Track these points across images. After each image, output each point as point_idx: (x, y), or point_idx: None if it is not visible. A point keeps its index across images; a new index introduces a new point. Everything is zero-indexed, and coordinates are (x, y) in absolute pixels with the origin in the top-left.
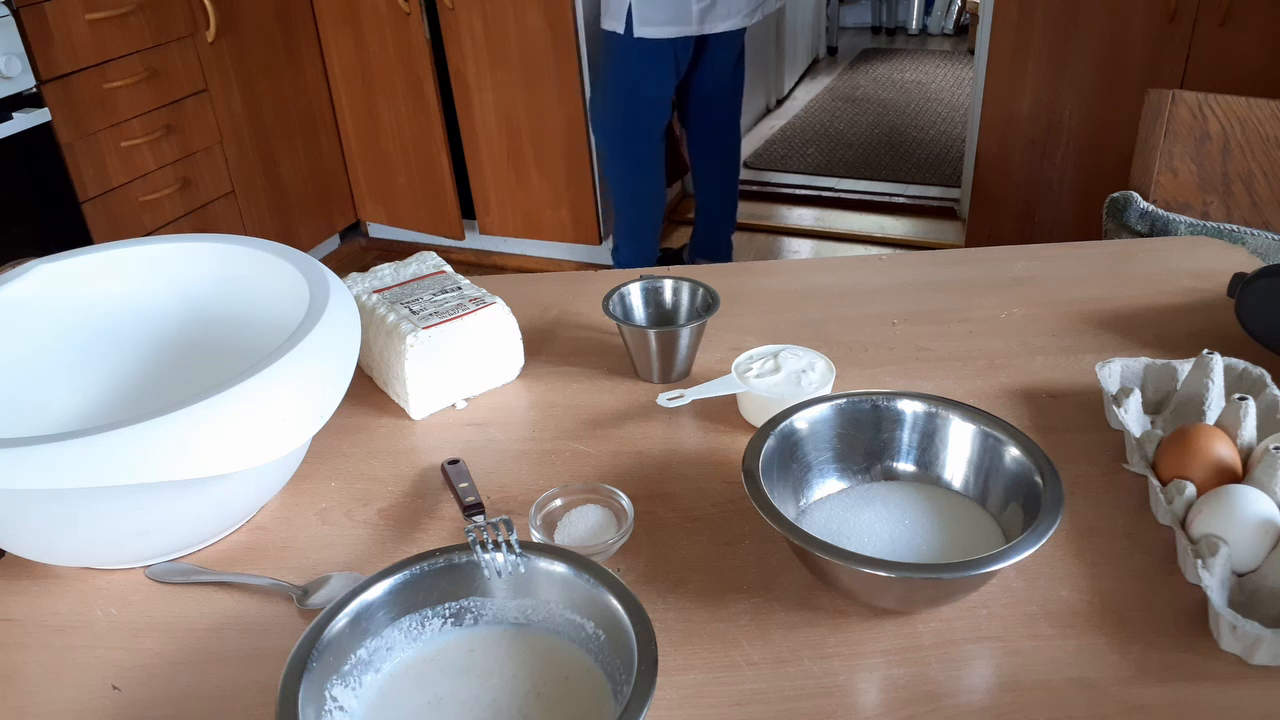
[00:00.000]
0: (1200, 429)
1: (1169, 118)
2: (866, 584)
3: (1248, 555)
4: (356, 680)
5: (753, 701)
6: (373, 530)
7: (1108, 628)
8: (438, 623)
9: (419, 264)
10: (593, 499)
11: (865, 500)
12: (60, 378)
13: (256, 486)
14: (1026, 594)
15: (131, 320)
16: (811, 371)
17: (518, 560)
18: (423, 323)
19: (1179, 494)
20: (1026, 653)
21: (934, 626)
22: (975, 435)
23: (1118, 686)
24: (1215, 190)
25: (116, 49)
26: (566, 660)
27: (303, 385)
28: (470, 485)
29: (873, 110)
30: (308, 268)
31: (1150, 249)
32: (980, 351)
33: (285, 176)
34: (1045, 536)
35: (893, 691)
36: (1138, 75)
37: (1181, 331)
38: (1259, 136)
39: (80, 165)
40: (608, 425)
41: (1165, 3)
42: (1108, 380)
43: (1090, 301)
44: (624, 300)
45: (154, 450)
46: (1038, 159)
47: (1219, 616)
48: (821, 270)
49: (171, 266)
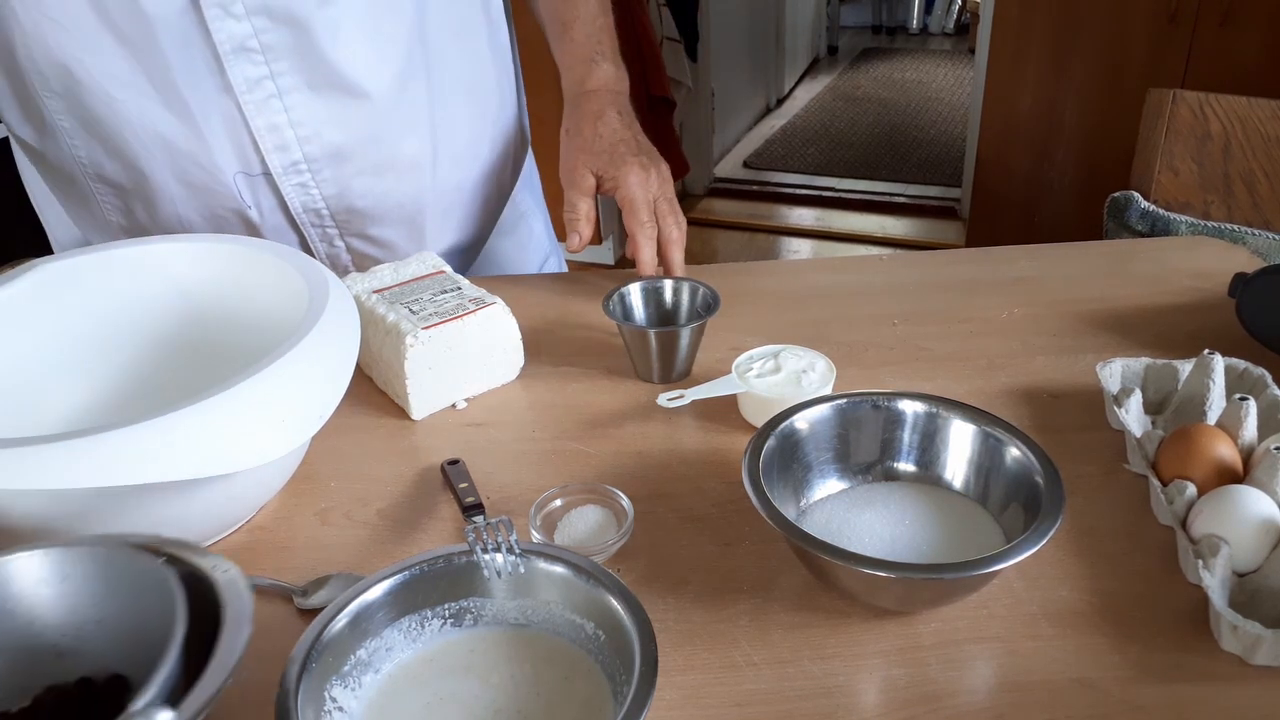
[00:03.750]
0: (1201, 429)
1: (1170, 117)
2: (867, 584)
3: (1249, 555)
4: (356, 681)
5: (753, 702)
6: (372, 530)
7: (1108, 628)
8: (438, 623)
9: (419, 264)
10: (593, 499)
11: (865, 500)
12: (60, 378)
13: (256, 486)
14: (1027, 594)
15: (131, 320)
16: (812, 371)
17: (518, 561)
18: (423, 323)
19: (1180, 494)
20: (1027, 653)
21: (934, 627)
22: (976, 435)
23: (1118, 686)
24: (1216, 190)
25: None
26: (567, 661)
27: (302, 385)
28: (470, 485)
29: (873, 110)
30: (307, 268)
31: (1151, 249)
32: (980, 351)
33: None
34: (1046, 537)
35: (893, 692)
36: (1138, 75)
37: (1182, 331)
38: (1260, 136)
39: None
40: (608, 425)
41: (1166, 3)
42: (1108, 380)
43: (1091, 301)
44: (624, 300)
45: (154, 450)
46: (1038, 159)
47: (1220, 616)
48: (821, 270)
49: (171, 266)
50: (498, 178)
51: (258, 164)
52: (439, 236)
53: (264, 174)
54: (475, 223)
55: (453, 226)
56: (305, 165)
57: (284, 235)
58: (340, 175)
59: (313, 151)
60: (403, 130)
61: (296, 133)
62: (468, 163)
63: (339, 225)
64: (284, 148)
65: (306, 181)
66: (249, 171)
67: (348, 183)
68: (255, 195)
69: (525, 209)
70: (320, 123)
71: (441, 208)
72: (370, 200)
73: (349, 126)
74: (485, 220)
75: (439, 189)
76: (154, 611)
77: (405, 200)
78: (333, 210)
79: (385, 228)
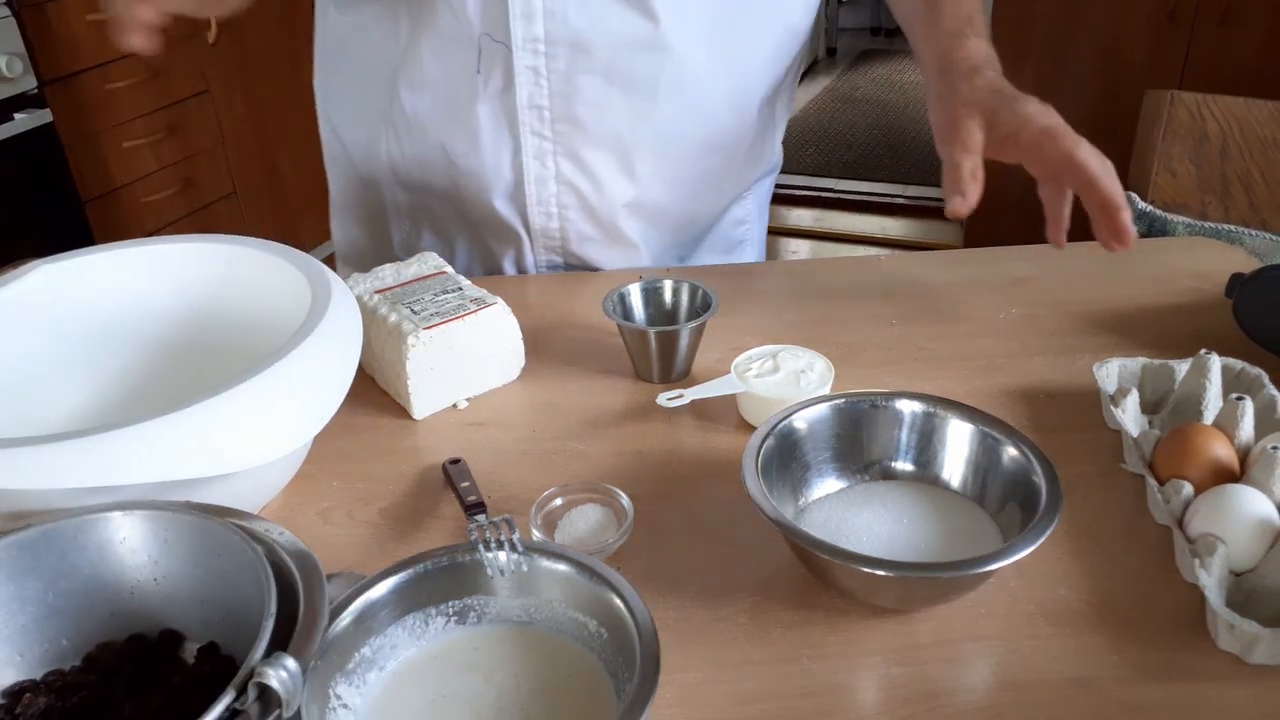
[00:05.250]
0: (1198, 429)
1: (1167, 118)
2: (865, 583)
3: (1245, 555)
4: (360, 678)
5: (752, 700)
6: (374, 530)
7: (1105, 627)
8: (441, 621)
9: (420, 264)
10: (593, 499)
11: (864, 500)
12: (60, 378)
13: (258, 486)
14: (1025, 593)
15: (131, 320)
16: (811, 371)
17: (520, 559)
18: (424, 323)
19: (1176, 494)
20: (1024, 652)
21: (932, 626)
22: (974, 435)
23: (1115, 685)
24: (1214, 191)
25: (118, 49)
26: (569, 658)
27: (304, 385)
28: (472, 485)
29: (872, 111)
30: (309, 268)
31: (1149, 249)
32: (979, 352)
33: (286, 177)
34: (1043, 536)
35: (891, 690)
36: (1136, 75)
37: (1179, 331)
38: (1257, 137)
39: (82, 166)
40: (608, 425)
41: (1164, 3)
42: (1105, 380)
43: (1089, 301)
44: (624, 300)
45: (154, 450)
46: None
47: (1217, 615)
48: (821, 270)
49: (172, 266)
50: (733, 165)
51: (503, 29)
52: (648, 185)
53: (504, 43)
54: (686, 191)
55: (662, 182)
56: (543, 45)
57: (500, 142)
58: (572, 69)
59: (555, 31)
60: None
61: (544, 4)
62: (709, 129)
63: (555, 136)
64: (529, 16)
65: (539, 67)
66: (493, 35)
67: (577, 81)
68: (489, 68)
69: (745, 236)
70: (573, 5)
71: (656, 151)
72: (593, 111)
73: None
74: (698, 197)
75: (662, 129)
76: (216, 569)
77: (623, 127)
78: (554, 115)
79: (598, 152)
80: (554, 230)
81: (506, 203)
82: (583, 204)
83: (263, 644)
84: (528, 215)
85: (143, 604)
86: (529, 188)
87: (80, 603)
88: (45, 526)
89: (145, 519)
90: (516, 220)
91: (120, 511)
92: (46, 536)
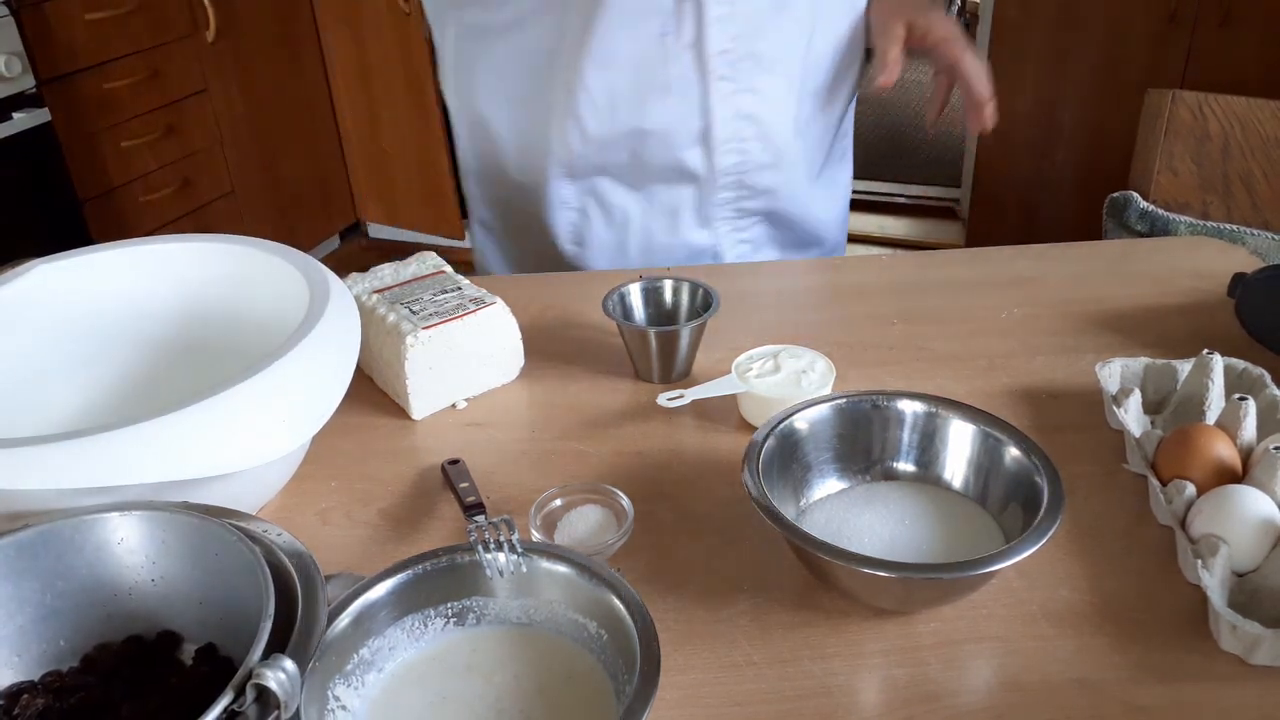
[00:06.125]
0: (1200, 429)
1: (1169, 118)
2: (867, 584)
3: (1248, 555)
4: (359, 680)
5: (753, 701)
6: (373, 530)
7: (1108, 627)
8: (440, 622)
9: (419, 264)
10: (593, 499)
11: (865, 500)
12: (60, 378)
13: (257, 486)
14: (1027, 594)
15: (131, 320)
16: (811, 371)
17: (520, 560)
18: (423, 323)
19: (1179, 494)
20: (1027, 653)
21: (934, 626)
22: (975, 435)
23: (1118, 686)
24: (1215, 190)
25: (116, 49)
26: (569, 660)
27: (303, 385)
28: (471, 485)
29: (872, 110)
30: (308, 268)
31: (1150, 249)
32: (980, 351)
33: (285, 176)
34: (1045, 536)
35: (893, 691)
36: (1137, 75)
37: (1182, 331)
38: (1259, 136)
39: (80, 165)
40: (608, 425)
41: (1165, 3)
42: (1108, 380)
43: (1090, 301)
44: (624, 300)
45: (154, 450)
46: (1038, 159)
47: (1219, 616)
48: (821, 270)
49: (171, 266)
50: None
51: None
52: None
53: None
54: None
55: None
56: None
57: (688, 95)
58: (754, 7)
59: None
60: None
61: None
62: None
63: (736, 75)
64: None
65: (724, 15)
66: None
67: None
68: (680, 26)
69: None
70: None
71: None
72: (767, 42)
73: None
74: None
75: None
76: (214, 570)
77: (786, 49)
78: (738, 54)
79: (772, 78)
80: (733, 166)
81: (693, 150)
82: (760, 132)
83: (261, 645)
84: (713, 157)
85: (141, 605)
86: (714, 129)
87: (78, 603)
88: (43, 527)
89: (143, 520)
90: (700, 165)
91: (118, 512)
92: (44, 537)
